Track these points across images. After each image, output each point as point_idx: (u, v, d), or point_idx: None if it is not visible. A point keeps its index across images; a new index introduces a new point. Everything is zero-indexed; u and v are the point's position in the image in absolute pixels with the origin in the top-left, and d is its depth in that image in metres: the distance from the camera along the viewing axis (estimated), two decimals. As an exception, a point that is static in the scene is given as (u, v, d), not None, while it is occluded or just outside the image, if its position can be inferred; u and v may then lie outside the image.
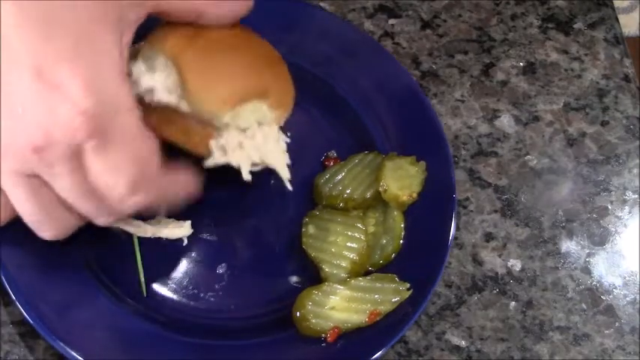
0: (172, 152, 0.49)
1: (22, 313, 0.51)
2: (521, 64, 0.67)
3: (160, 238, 0.56)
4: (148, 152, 0.45)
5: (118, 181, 0.43)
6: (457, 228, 0.60)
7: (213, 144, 0.49)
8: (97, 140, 0.41)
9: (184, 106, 0.48)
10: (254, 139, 0.49)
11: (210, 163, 0.49)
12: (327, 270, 0.54)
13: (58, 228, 0.47)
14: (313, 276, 0.55)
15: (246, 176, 0.49)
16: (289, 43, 0.61)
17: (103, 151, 0.42)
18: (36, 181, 0.44)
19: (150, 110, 0.49)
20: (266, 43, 0.52)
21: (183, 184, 0.49)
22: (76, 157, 0.42)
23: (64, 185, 0.43)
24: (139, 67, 0.49)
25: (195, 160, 0.50)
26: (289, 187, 0.51)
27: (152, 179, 0.45)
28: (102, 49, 0.41)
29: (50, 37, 0.40)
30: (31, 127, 0.40)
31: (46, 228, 0.47)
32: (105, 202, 0.44)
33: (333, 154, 0.61)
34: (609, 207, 0.62)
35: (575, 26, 0.69)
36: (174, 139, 0.49)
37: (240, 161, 0.49)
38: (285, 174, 0.51)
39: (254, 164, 0.50)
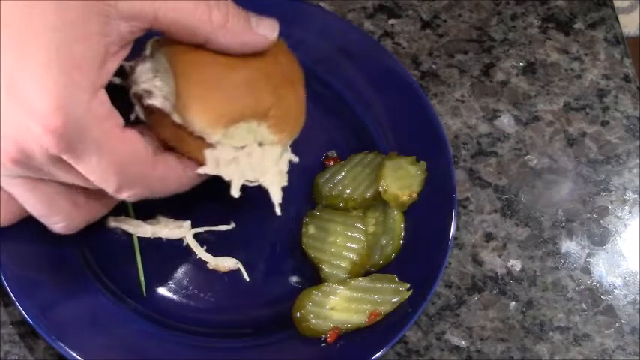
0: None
1: (22, 313, 0.51)
2: (521, 64, 0.67)
3: (160, 238, 0.56)
4: (130, 156, 0.43)
5: (104, 183, 0.43)
6: (457, 228, 0.60)
7: (207, 154, 0.47)
8: (71, 154, 0.41)
9: (177, 118, 0.46)
10: (250, 157, 0.48)
11: (202, 171, 0.47)
12: (327, 270, 0.54)
13: (67, 220, 0.47)
14: (313, 276, 0.55)
15: (235, 193, 0.48)
16: (289, 43, 0.61)
17: (81, 161, 0.41)
18: (30, 181, 0.44)
19: (147, 110, 0.48)
20: (288, 60, 0.50)
21: (175, 177, 0.47)
22: (60, 161, 0.41)
23: (66, 179, 0.43)
24: (145, 66, 0.47)
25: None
26: (278, 212, 0.50)
27: (139, 178, 0.45)
28: (78, 64, 0.40)
29: (24, 49, 0.39)
30: (6, 140, 0.40)
31: (54, 221, 0.47)
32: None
33: (333, 154, 0.61)
34: (609, 207, 0.62)
35: (575, 26, 0.69)
36: (169, 142, 0.48)
37: (232, 177, 0.47)
38: (276, 198, 0.49)
39: (248, 181, 0.48)
